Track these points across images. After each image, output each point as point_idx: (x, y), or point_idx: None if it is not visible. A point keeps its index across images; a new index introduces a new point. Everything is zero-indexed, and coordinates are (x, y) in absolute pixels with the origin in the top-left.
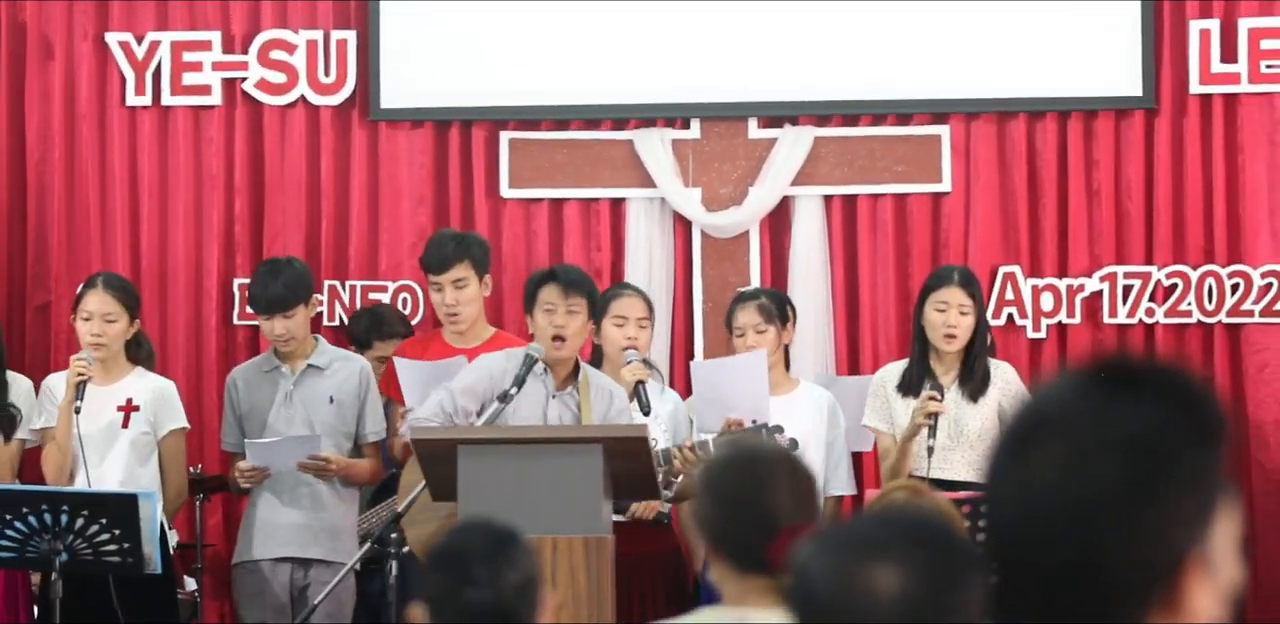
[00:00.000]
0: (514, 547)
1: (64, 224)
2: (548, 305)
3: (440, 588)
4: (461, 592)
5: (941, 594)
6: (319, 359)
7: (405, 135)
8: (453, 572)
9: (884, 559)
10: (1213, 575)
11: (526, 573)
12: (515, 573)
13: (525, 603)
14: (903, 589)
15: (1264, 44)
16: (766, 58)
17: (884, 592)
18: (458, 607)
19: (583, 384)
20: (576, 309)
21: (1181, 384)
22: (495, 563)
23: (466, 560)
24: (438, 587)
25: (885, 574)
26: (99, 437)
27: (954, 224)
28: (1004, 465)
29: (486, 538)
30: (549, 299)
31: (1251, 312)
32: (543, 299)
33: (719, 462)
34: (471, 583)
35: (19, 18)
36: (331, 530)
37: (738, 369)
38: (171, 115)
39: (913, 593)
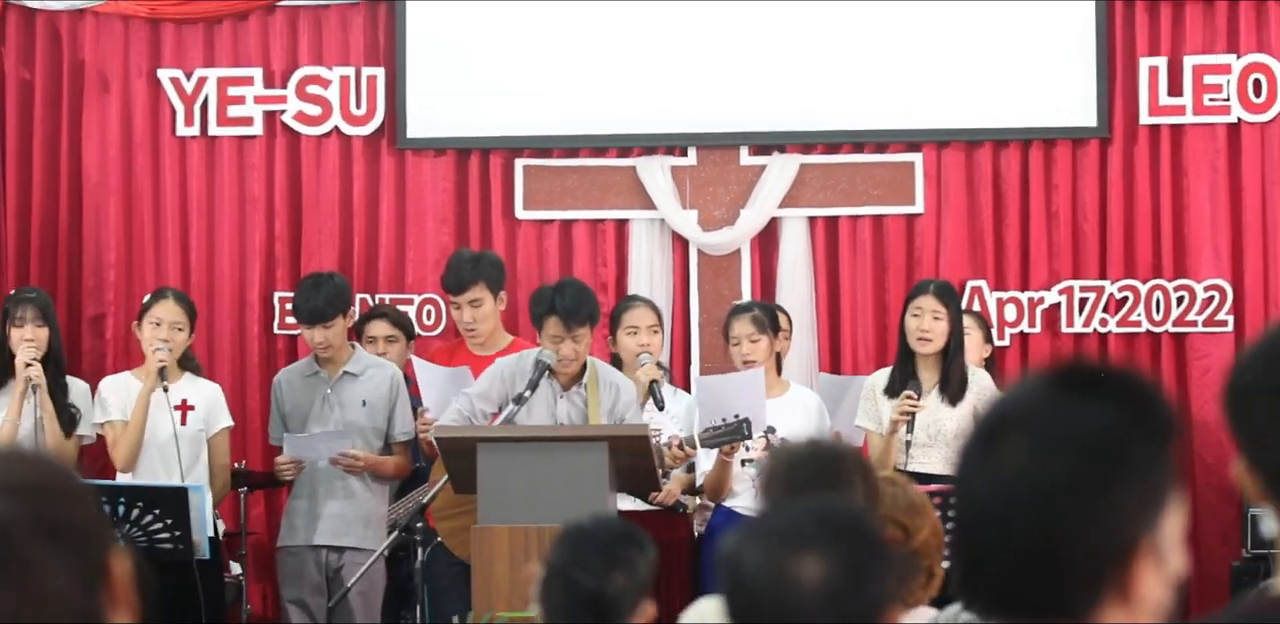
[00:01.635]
0: (636, 551)
1: (120, 243)
2: (554, 337)
3: (556, 560)
4: (571, 570)
5: (860, 582)
6: (354, 366)
7: (429, 162)
8: (572, 550)
9: (808, 550)
10: (1161, 561)
11: (636, 578)
12: (624, 576)
13: (623, 603)
14: (825, 579)
15: (1207, 79)
16: (757, 92)
17: (808, 580)
18: (563, 582)
19: (590, 381)
20: (579, 336)
21: (1133, 386)
22: (610, 558)
23: (588, 545)
24: (554, 559)
25: (809, 564)
26: (159, 434)
27: (926, 242)
28: (972, 459)
29: (613, 533)
30: (553, 332)
31: (1195, 322)
32: (548, 331)
33: (796, 456)
34: (582, 567)
35: (79, 55)
36: (364, 519)
37: (737, 384)
38: (217, 144)
39: (834, 582)
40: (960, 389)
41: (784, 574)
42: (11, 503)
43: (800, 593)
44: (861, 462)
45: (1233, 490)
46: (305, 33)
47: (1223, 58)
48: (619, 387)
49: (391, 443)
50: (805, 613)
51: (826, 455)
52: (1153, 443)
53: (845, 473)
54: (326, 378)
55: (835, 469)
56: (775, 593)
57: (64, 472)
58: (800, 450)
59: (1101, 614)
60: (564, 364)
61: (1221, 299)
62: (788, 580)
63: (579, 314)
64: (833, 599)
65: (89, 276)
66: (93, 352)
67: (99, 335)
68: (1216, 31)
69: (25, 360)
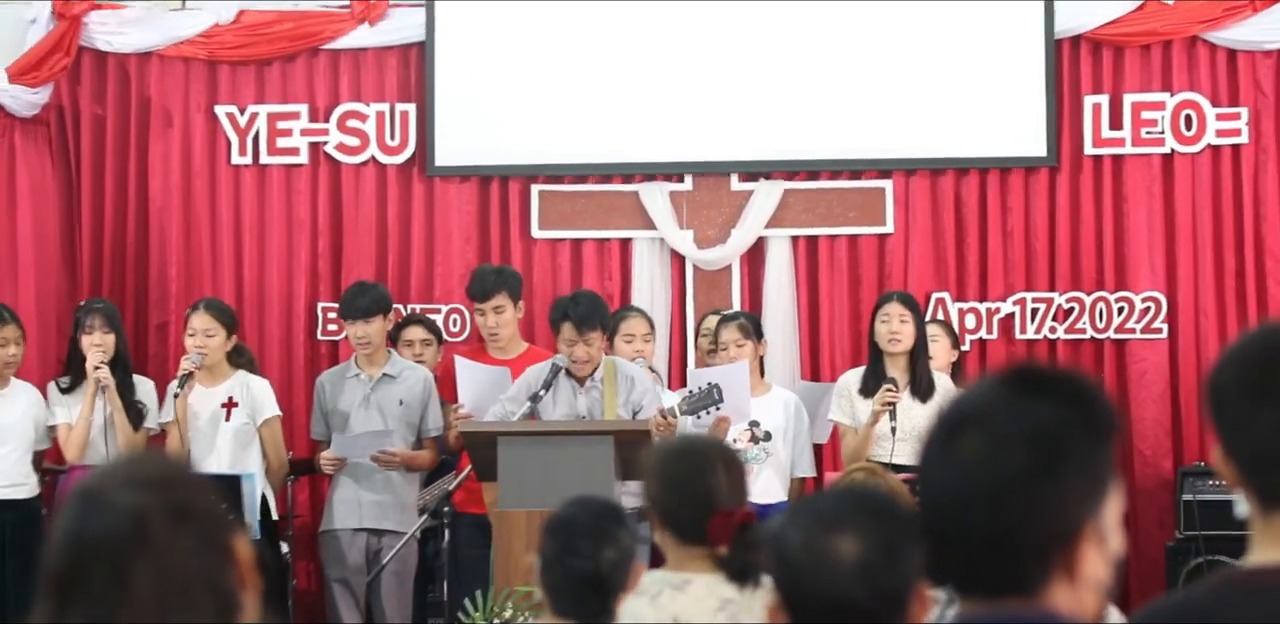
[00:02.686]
0: (616, 525)
1: (181, 259)
2: (569, 340)
3: (549, 551)
4: (565, 559)
5: (893, 558)
6: (391, 369)
7: (455, 188)
8: (560, 540)
9: (845, 530)
10: (1103, 544)
11: (623, 549)
12: (613, 550)
13: (619, 574)
14: (861, 555)
15: (1144, 115)
16: (746, 126)
17: (845, 557)
18: (561, 570)
19: (607, 376)
20: (591, 340)
21: (1077, 387)
22: (598, 539)
23: (573, 532)
24: (548, 550)
25: (846, 543)
26: (207, 428)
27: (896, 259)
28: (934, 452)
29: (593, 515)
30: (569, 335)
31: (1134, 329)
32: (564, 335)
33: (666, 450)
34: (574, 553)
35: (145, 93)
36: (400, 506)
37: (724, 374)
38: (267, 172)
39: (869, 558)
40: (929, 387)
41: (823, 552)
42: (146, 494)
43: (838, 569)
44: (725, 453)
45: (1167, 480)
46: (346, 73)
47: (1158, 96)
48: (633, 378)
49: (423, 438)
50: (843, 587)
51: (691, 450)
52: (1095, 437)
53: (709, 464)
54: (366, 379)
55: (699, 462)
56: (815, 569)
57: (185, 466)
58: (669, 447)
59: (1050, 592)
60: (579, 366)
61: (1157, 309)
62: (827, 558)
63: (590, 320)
64: (868, 574)
65: (154, 289)
66: (157, 355)
67: (163, 341)
68: (1152, 72)
69: (94, 363)
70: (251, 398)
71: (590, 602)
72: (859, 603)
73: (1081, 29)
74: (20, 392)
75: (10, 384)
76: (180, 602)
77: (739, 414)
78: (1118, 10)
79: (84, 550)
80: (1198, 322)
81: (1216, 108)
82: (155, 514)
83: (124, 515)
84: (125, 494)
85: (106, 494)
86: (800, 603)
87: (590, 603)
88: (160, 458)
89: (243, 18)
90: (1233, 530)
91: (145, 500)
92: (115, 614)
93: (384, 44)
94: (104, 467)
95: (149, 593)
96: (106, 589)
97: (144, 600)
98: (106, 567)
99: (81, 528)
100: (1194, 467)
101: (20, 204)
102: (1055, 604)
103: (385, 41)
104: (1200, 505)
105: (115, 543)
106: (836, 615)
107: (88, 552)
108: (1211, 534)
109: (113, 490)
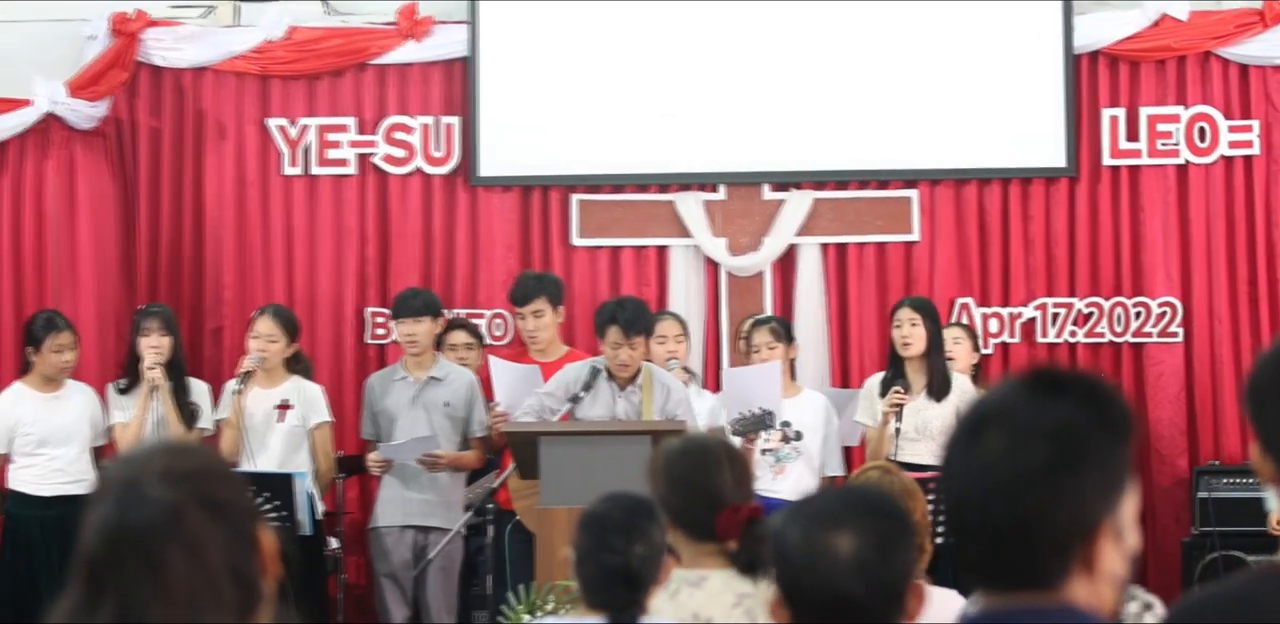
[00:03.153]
0: (648, 521)
1: (234, 266)
2: (614, 343)
3: (583, 546)
4: (598, 554)
5: (888, 554)
6: (438, 372)
7: (498, 197)
8: (594, 535)
9: (842, 527)
10: (1120, 540)
11: (654, 544)
12: (644, 545)
13: (650, 568)
14: (858, 551)
15: (1159, 127)
16: (777, 138)
17: (842, 553)
18: (594, 564)
19: (645, 383)
20: (636, 344)
21: (1095, 388)
22: (629, 534)
23: (606, 528)
24: (581, 545)
25: (843, 539)
26: (261, 428)
27: (921, 266)
28: (957, 449)
29: (626, 511)
30: (614, 338)
31: (1151, 333)
32: (610, 338)
33: (671, 449)
34: (607, 548)
35: (200, 107)
36: (446, 504)
37: (757, 375)
38: (318, 182)
39: (865, 554)
40: (944, 387)
41: (821, 548)
42: (180, 487)
43: (836, 564)
44: (730, 451)
45: (1183, 478)
46: (392, 87)
47: (1172, 109)
48: (670, 387)
49: (469, 438)
50: (841, 582)
51: (696, 449)
52: (1112, 436)
53: (714, 462)
54: (413, 381)
55: (704, 459)
56: (814, 565)
57: (218, 459)
58: (674, 446)
59: (1069, 586)
60: (621, 368)
61: (1173, 314)
62: (824, 553)
63: (637, 325)
64: (864, 569)
65: (209, 295)
66: (212, 359)
67: (218, 344)
68: (1167, 86)
69: (149, 364)
70: (305, 402)
71: (621, 595)
72: (856, 598)
73: (1099, 45)
74: (76, 393)
75: (66, 386)
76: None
77: (774, 416)
78: (1134, 27)
79: (120, 539)
80: (1212, 326)
81: (1229, 120)
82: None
83: (160, 507)
84: (162, 486)
85: (143, 486)
86: (799, 597)
87: (621, 596)
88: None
89: (294, 34)
90: (1247, 526)
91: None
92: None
93: (429, 59)
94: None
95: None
96: (139, 578)
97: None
98: (141, 556)
99: (119, 517)
100: (1209, 465)
101: (80, 213)
102: (1074, 598)
103: (430, 57)
104: (1215, 502)
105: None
106: (834, 610)
107: (123, 541)
108: (1226, 530)
109: (149, 482)
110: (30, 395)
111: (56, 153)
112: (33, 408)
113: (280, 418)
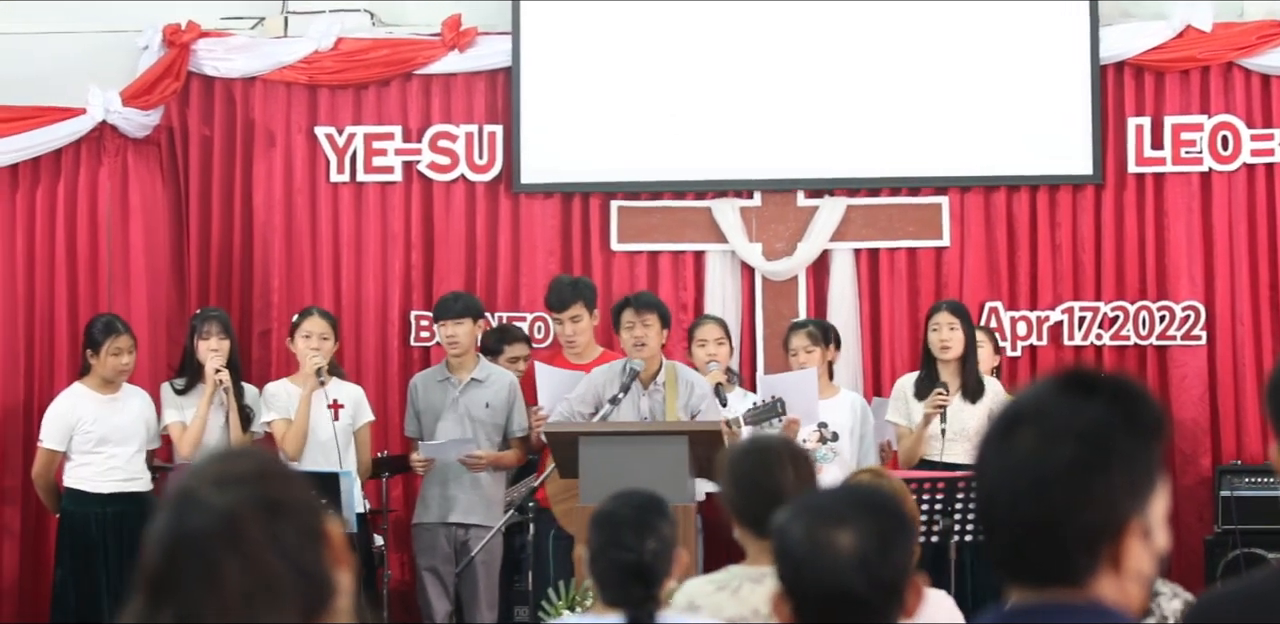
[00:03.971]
0: (657, 517)
1: (282, 271)
2: (628, 324)
3: (596, 544)
4: (611, 551)
5: (887, 551)
6: (479, 373)
7: (539, 204)
8: (605, 533)
9: (843, 524)
10: (1148, 538)
11: (665, 540)
12: (655, 541)
13: (662, 563)
14: (858, 547)
15: (1183, 136)
16: (811, 146)
17: (843, 549)
18: (607, 562)
19: (668, 380)
20: (649, 322)
21: (1124, 389)
22: (641, 531)
23: (618, 525)
24: (594, 543)
25: (844, 536)
26: (316, 428)
27: (951, 271)
28: (989, 449)
29: (636, 508)
30: (628, 319)
31: (1175, 336)
32: (624, 320)
33: (737, 449)
34: (619, 545)
35: (250, 115)
36: (486, 501)
37: (794, 382)
38: (364, 189)
39: (865, 550)
40: (978, 389)
41: (822, 544)
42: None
43: (837, 560)
44: (793, 449)
45: (1206, 477)
46: (437, 96)
47: (1196, 118)
48: (693, 383)
49: (509, 438)
50: (841, 577)
51: (759, 448)
52: (1140, 436)
53: (776, 460)
54: (456, 383)
55: (768, 458)
56: (815, 560)
57: (274, 459)
58: (739, 445)
59: (1097, 583)
60: (639, 350)
61: (1196, 318)
62: (825, 549)
63: (649, 304)
64: (864, 565)
65: (258, 299)
66: (260, 361)
67: (265, 347)
68: (1191, 96)
69: (214, 368)
70: (353, 402)
71: (636, 591)
72: (857, 593)
73: (1125, 55)
74: (133, 395)
75: (123, 389)
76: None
77: (808, 416)
78: (1159, 38)
79: (177, 549)
80: (1234, 329)
81: (1251, 129)
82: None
83: (217, 514)
84: (218, 493)
85: (200, 493)
86: (801, 593)
87: (636, 592)
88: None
89: (341, 45)
90: (1268, 524)
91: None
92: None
93: (473, 69)
94: (197, 465)
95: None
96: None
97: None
98: (197, 564)
99: (176, 527)
100: (1231, 465)
101: (133, 219)
102: (1102, 594)
103: (474, 67)
104: (1237, 501)
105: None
106: (835, 605)
107: (180, 550)
108: (1248, 528)
109: (206, 489)
110: (90, 396)
111: (110, 160)
112: (92, 408)
113: (335, 416)
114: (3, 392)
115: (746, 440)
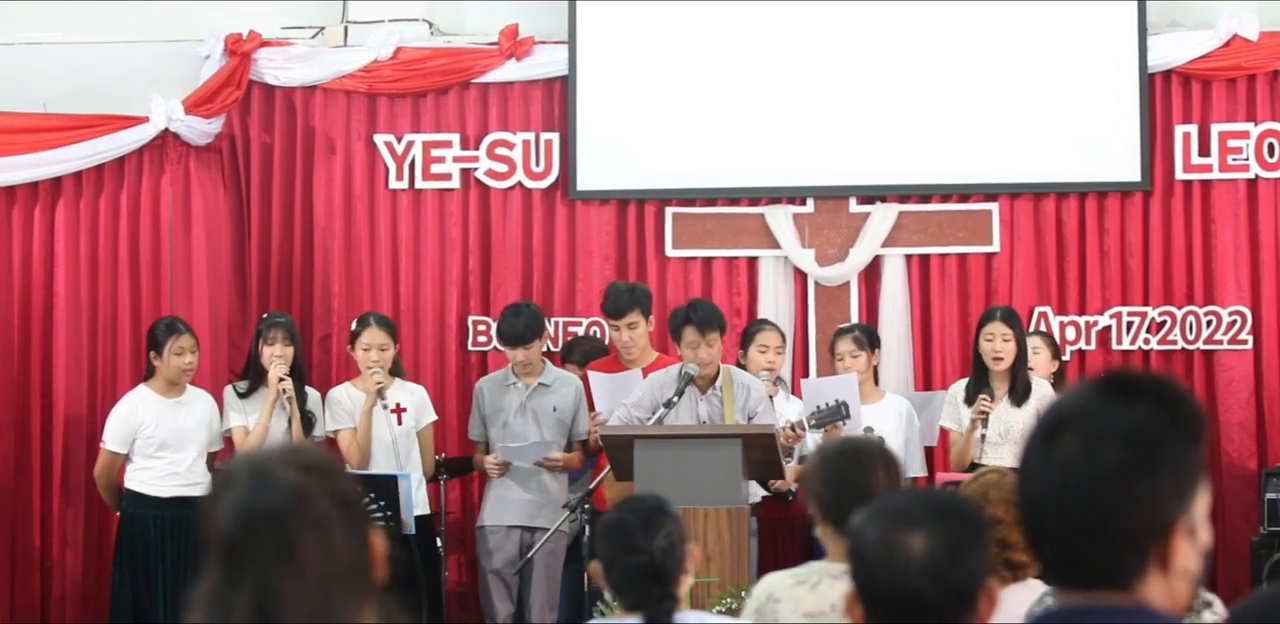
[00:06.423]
0: (662, 516)
1: (342, 276)
2: (690, 343)
3: (609, 553)
4: (624, 557)
5: (959, 556)
6: (546, 378)
7: (595, 210)
8: (615, 541)
9: (916, 528)
10: (1194, 537)
11: (672, 537)
12: (664, 539)
13: (674, 559)
14: (929, 551)
15: (1230, 143)
16: (863, 153)
17: (915, 553)
18: (622, 568)
19: (725, 383)
20: (712, 342)
21: (1168, 391)
22: (647, 531)
23: (627, 531)
24: (605, 553)
25: (916, 539)
26: (380, 432)
27: (1001, 276)
28: (1034, 451)
29: (640, 512)
30: (690, 338)
31: (1221, 341)
32: (686, 339)
33: (830, 449)
34: (630, 549)
35: (310, 123)
36: (551, 504)
37: (835, 384)
38: (422, 196)
39: (937, 554)
40: (1026, 392)
41: (895, 547)
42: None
43: (907, 563)
44: (884, 453)
45: (1252, 480)
46: (494, 104)
47: (1243, 125)
48: (749, 386)
49: (574, 441)
50: (913, 580)
51: (852, 448)
52: (1184, 438)
53: (869, 461)
54: (523, 388)
55: (860, 460)
56: (888, 563)
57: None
58: (832, 445)
59: (1144, 584)
60: (703, 366)
61: (1243, 322)
62: (898, 553)
63: (710, 322)
64: (935, 569)
65: (318, 304)
66: (321, 365)
67: (326, 352)
68: (1238, 103)
69: (278, 375)
70: (416, 404)
71: (652, 591)
72: (927, 597)
73: (1172, 64)
74: (197, 399)
75: (187, 392)
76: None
77: (851, 420)
78: (1206, 47)
79: (253, 520)
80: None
81: None
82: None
83: (292, 490)
84: (292, 473)
85: (275, 471)
86: (873, 595)
87: (652, 592)
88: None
89: (400, 54)
90: None
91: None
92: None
93: (529, 78)
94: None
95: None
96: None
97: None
98: (274, 537)
99: (251, 500)
100: (1277, 468)
101: (195, 225)
102: (1149, 596)
103: (531, 76)
104: None
105: (283, 514)
106: (905, 608)
107: (257, 522)
108: None
109: (280, 468)
110: (153, 399)
111: (173, 167)
112: (155, 412)
113: (399, 420)
114: (67, 396)
115: (840, 440)
